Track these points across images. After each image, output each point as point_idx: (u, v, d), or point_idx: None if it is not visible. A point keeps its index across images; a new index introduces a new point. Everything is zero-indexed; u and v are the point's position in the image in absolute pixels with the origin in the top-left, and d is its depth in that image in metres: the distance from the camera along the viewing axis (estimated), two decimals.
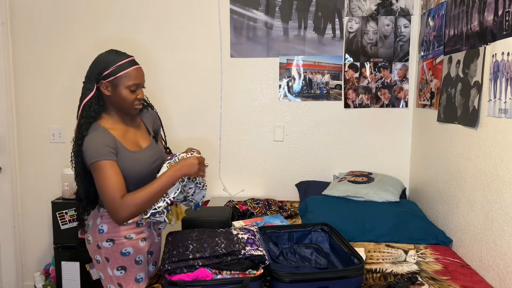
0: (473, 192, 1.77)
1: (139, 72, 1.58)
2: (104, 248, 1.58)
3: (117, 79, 1.52)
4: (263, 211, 2.29)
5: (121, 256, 1.59)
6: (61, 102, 2.76)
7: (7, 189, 2.77)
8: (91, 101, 1.54)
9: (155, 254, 1.79)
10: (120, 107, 1.58)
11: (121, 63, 1.53)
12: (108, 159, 1.46)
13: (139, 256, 1.63)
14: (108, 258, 1.59)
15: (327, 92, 2.67)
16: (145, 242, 1.66)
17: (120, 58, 1.54)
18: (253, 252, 1.39)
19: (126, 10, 2.68)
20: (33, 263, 2.90)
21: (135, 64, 1.57)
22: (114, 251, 1.58)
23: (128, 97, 1.55)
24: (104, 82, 1.53)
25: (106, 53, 1.56)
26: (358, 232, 1.97)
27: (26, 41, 2.73)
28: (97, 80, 1.53)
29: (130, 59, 1.57)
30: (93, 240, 1.61)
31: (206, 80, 2.71)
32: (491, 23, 1.61)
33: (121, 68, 1.53)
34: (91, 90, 1.54)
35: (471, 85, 1.77)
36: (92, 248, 1.63)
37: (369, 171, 2.60)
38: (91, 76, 1.54)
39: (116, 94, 1.54)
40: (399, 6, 2.56)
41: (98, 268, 1.64)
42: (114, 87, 1.53)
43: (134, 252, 1.61)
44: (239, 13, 2.64)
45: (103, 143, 1.48)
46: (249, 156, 2.75)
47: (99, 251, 1.60)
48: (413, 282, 1.50)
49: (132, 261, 1.61)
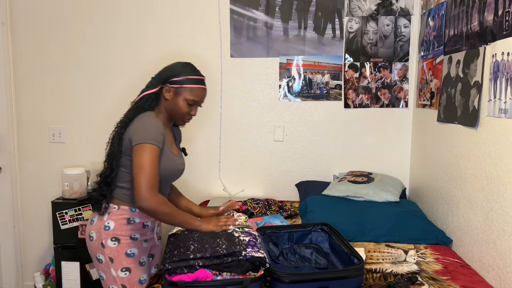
0: (473, 192, 1.77)
1: (203, 93, 1.68)
2: (108, 248, 1.56)
3: (181, 89, 1.62)
4: (263, 211, 2.29)
5: (126, 257, 1.58)
6: (61, 102, 2.76)
7: (7, 189, 2.77)
8: (150, 96, 1.63)
9: (157, 257, 1.80)
10: (171, 113, 1.66)
11: (191, 77, 1.64)
12: (159, 146, 1.52)
13: (143, 258, 1.64)
14: (113, 258, 1.57)
15: (327, 92, 2.67)
16: (147, 244, 1.68)
17: (193, 73, 1.66)
18: (254, 254, 1.39)
19: (126, 10, 2.67)
20: (33, 263, 2.90)
21: (202, 84, 1.68)
22: (119, 252, 1.57)
23: (183, 108, 1.64)
24: (169, 86, 1.62)
25: (184, 63, 1.67)
26: (358, 232, 1.97)
27: (26, 41, 2.73)
28: (164, 82, 1.63)
29: (201, 78, 1.68)
30: (97, 237, 1.58)
31: (206, 80, 2.67)
32: (491, 23, 1.61)
33: (190, 81, 1.63)
34: (155, 87, 1.64)
35: (471, 85, 1.77)
36: (94, 246, 1.60)
37: (369, 171, 2.60)
38: (161, 76, 1.65)
39: (174, 101, 1.63)
40: (399, 6, 2.56)
41: (99, 268, 1.61)
42: (176, 94, 1.63)
43: (138, 253, 1.62)
44: (239, 13, 2.64)
45: (158, 130, 1.54)
46: (249, 156, 2.75)
47: (102, 250, 1.57)
48: (413, 282, 1.50)
49: (136, 262, 1.61)
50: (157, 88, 1.64)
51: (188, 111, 1.66)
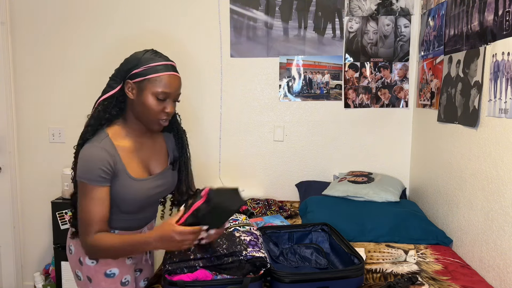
0: (473, 192, 1.77)
1: (173, 81, 1.31)
2: (86, 266, 1.40)
3: (145, 82, 1.28)
4: (263, 211, 2.29)
5: (105, 278, 1.40)
6: (61, 102, 2.76)
7: (7, 189, 2.77)
8: (109, 101, 1.33)
9: (146, 271, 1.61)
10: (141, 117, 1.33)
11: (155, 65, 1.29)
12: (96, 185, 1.26)
13: (125, 277, 1.45)
14: (91, 278, 1.40)
15: (327, 92, 2.67)
16: (132, 259, 1.49)
17: (156, 59, 1.30)
18: (254, 254, 1.38)
19: (126, 10, 2.67)
20: (33, 263, 2.90)
21: (172, 70, 1.31)
22: (97, 271, 1.40)
23: (152, 106, 1.29)
24: (130, 82, 1.30)
25: (143, 51, 1.33)
26: (358, 232, 1.97)
27: (26, 41, 2.73)
28: (123, 79, 1.32)
29: (168, 63, 1.32)
30: (75, 252, 1.43)
31: (206, 80, 2.71)
32: (491, 23, 1.60)
33: (154, 70, 1.28)
34: (113, 88, 1.32)
35: (471, 85, 1.77)
36: (73, 260, 1.44)
37: (369, 171, 2.60)
38: (118, 73, 1.33)
39: (140, 100, 1.30)
40: (399, 6, 2.56)
41: (79, 286, 1.46)
42: (140, 91, 1.29)
43: (120, 273, 1.43)
44: (239, 13, 2.64)
45: (96, 165, 1.25)
46: (249, 156, 2.75)
47: (80, 267, 1.42)
48: (413, 282, 1.50)
49: (117, 283, 1.42)
50: (115, 89, 1.32)
51: (160, 109, 1.30)
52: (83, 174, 1.27)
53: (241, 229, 1.58)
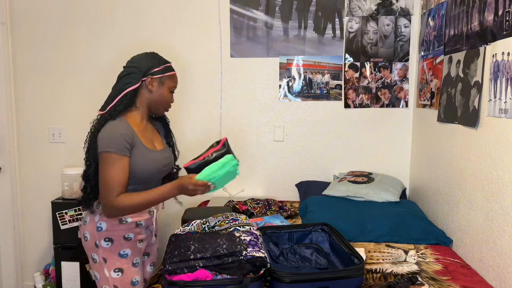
0: (473, 192, 1.77)
1: (177, 79, 1.70)
2: (102, 248, 1.58)
3: (164, 78, 1.62)
4: (263, 211, 2.29)
5: (119, 258, 1.59)
6: (61, 102, 2.76)
7: (7, 189, 2.77)
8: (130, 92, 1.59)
9: (152, 256, 1.81)
10: (155, 105, 1.65)
11: (167, 65, 1.65)
12: (119, 153, 1.49)
13: (136, 259, 1.64)
14: (106, 258, 1.58)
15: (327, 92, 2.67)
16: (142, 243, 1.68)
17: (166, 61, 1.66)
18: (254, 254, 1.38)
19: (126, 10, 2.67)
20: (33, 263, 2.90)
21: (174, 70, 1.68)
22: (112, 252, 1.58)
23: (167, 97, 1.66)
24: (152, 78, 1.60)
25: (153, 53, 1.66)
26: (358, 232, 1.97)
27: (26, 41, 2.73)
28: (144, 74, 1.59)
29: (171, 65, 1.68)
30: (90, 238, 1.60)
31: (206, 80, 2.71)
32: (491, 23, 1.60)
33: (169, 69, 1.65)
34: (136, 81, 1.59)
35: (471, 85, 1.77)
36: (89, 246, 1.61)
37: (369, 171, 2.60)
38: (138, 69, 1.59)
39: (159, 92, 1.62)
40: (399, 6, 2.56)
41: (94, 268, 1.63)
42: (161, 84, 1.62)
43: (132, 254, 1.62)
44: (239, 13, 2.64)
45: (120, 135, 1.51)
46: (249, 156, 2.75)
47: (96, 250, 1.59)
48: (413, 282, 1.50)
49: (129, 263, 1.61)
50: (138, 82, 1.60)
51: (170, 99, 1.68)
52: (110, 144, 1.49)
53: (241, 229, 1.58)
